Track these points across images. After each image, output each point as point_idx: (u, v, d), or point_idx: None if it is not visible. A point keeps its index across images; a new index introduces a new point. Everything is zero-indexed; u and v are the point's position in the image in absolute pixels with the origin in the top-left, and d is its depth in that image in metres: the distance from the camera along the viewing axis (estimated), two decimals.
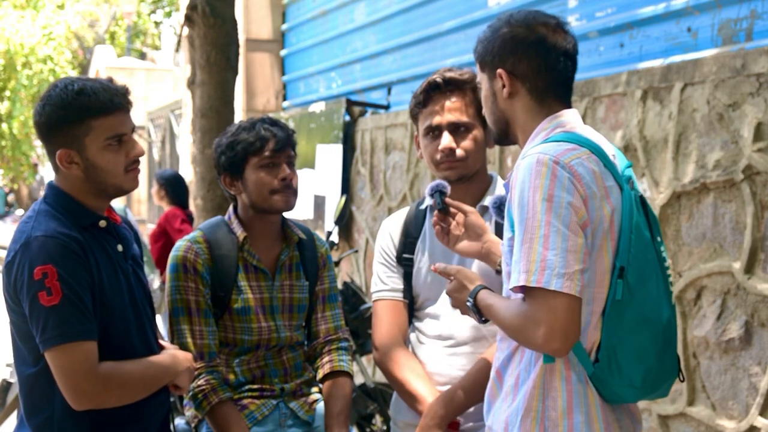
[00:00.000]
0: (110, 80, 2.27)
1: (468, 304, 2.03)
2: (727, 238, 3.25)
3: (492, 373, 2.04)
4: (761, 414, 3.07)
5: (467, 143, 2.45)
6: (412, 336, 2.62)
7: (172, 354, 2.34)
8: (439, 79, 2.46)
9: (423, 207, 2.61)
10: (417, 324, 2.61)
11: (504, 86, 1.99)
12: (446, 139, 2.44)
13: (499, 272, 2.27)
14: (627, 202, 1.91)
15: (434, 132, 2.48)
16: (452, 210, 2.35)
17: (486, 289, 2.03)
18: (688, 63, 3.48)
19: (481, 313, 2.02)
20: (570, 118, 2.00)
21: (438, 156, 2.46)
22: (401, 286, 2.60)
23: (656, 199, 3.58)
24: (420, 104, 2.51)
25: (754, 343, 3.12)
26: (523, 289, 1.83)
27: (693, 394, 3.39)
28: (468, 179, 2.50)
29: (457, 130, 2.46)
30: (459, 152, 2.45)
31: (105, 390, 2.12)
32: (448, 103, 2.45)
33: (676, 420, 3.47)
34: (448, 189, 2.37)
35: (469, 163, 2.47)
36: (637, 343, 1.89)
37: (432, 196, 2.37)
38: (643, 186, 3.66)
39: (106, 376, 2.12)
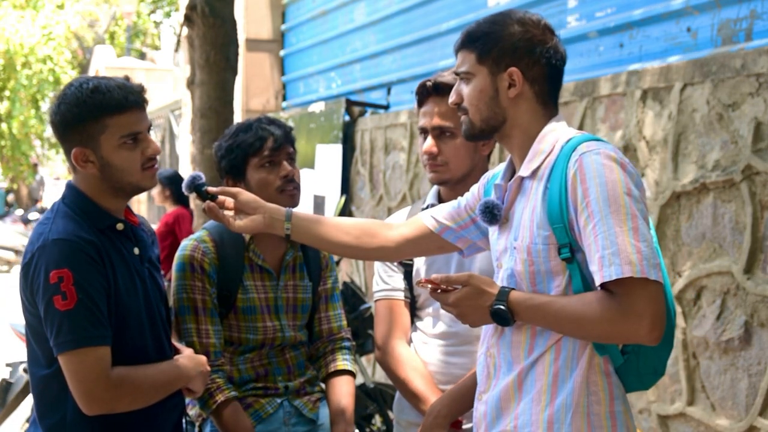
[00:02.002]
0: (126, 78, 2.27)
1: (499, 307, 1.92)
2: (727, 238, 3.25)
3: (507, 380, 1.99)
4: (761, 414, 3.07)
5: (449, 149, 2.46)
6: (415, 336, 2.62)
7: (185, 358, 2.33)
8: (429, 83, 2.49)
9: (424, 206, 2.62)
10: (418, 323, 2.61)
11: (511, 86, 1.97)
12: (428, 143, 2.47)
13: (288, 236, 2.22)
14: None
15: (424, 134, 2.51)
16: (220, 197, 2.24)
17: (513, 289, 1.95)
18: (688, 63, 3.48)
19: (510, 317, 1.93)
20: (565, 123, 2.04)
21: (423, 157, 2.50)
22: (402, 286, 2.61)
23: (656, 199, 3.58)
24: (419, 105, 2.54)
25: (754, 343, 3.13)
26: (603, 284, 1.81)
27: (693, 394, 3.39)
28: (458, 182, 2.50)
29: (443, 134, 2.47)
30: (440, 158, 2.47)
31: (116, 396, 2.12)
32: (437, 108, 2.47)
33: (675, 420, 3.47)
34: (203, 177, 2.27)
35: (451, 167, 2.48)
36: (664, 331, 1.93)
37: (194, 191, 2.24)
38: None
39: (118, 382, 2.12)
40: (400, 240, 2.26)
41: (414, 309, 2.63)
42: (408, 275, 2.60)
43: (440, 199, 2.57)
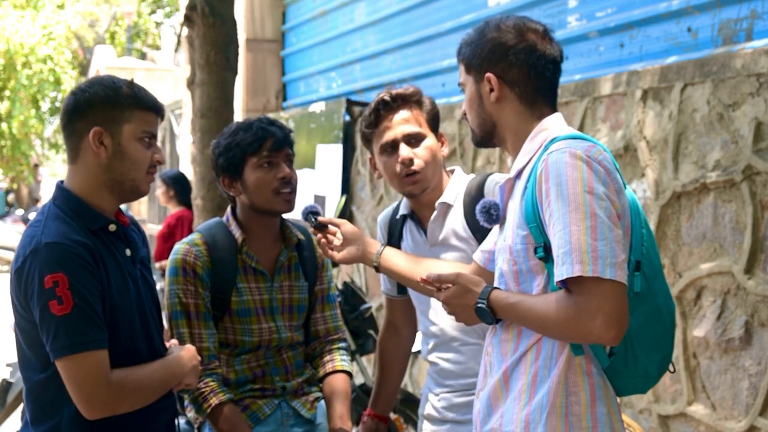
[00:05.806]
0: None
1: (480, 306, 1.97)
2: (727, 238, 3.25)
3: (496, 378, 2.02)
4: (761, 414, 3.07)
5: (422, 152, 2.50)
6: (420, 335, 2.66)
7: (176, 355, 2.32)
8: (387, 97, 2.52)
9: (398, 217, 2.65)
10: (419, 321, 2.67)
11: (492, 90, 2.03)
12: (404, 150, 2.49)
13: (377, 269, 2.43)
14: (632, 200, 1.97)
15: (391, 148, 2.51)
16: (331, 227, 2.47)
17: (497, 288, 1.99)
18: (688, 63, 3.48)
19: (494, 315, 1.97)
20: (561, 121, 2.06)
21: (398, 168, 2.50)
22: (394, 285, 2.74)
23: (656, 199, 3.58)
24: (372, 125, 2.55)
25: (754, 343, 3.13)
26: (564, 282, 1.82)
27: (693, 394, 3.39)
28: (431, 189, 2.53)
29: (410, 141, 2.50)
30: (417, 162, 2.49)
31: (118, 398, 2.11)
32: (398, 118, 2.51)
33: (676, 420, 3.47)
34: (320, 209, 2.50)
35: (428, 173, 2.51)
36: (653, 333, 1.93)
37: (306, 219, 2.49)
38: (643, 186, 3.66)
39: (120, 384, 2.11)
40: None
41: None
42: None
43: (412, 212, 2.60)
